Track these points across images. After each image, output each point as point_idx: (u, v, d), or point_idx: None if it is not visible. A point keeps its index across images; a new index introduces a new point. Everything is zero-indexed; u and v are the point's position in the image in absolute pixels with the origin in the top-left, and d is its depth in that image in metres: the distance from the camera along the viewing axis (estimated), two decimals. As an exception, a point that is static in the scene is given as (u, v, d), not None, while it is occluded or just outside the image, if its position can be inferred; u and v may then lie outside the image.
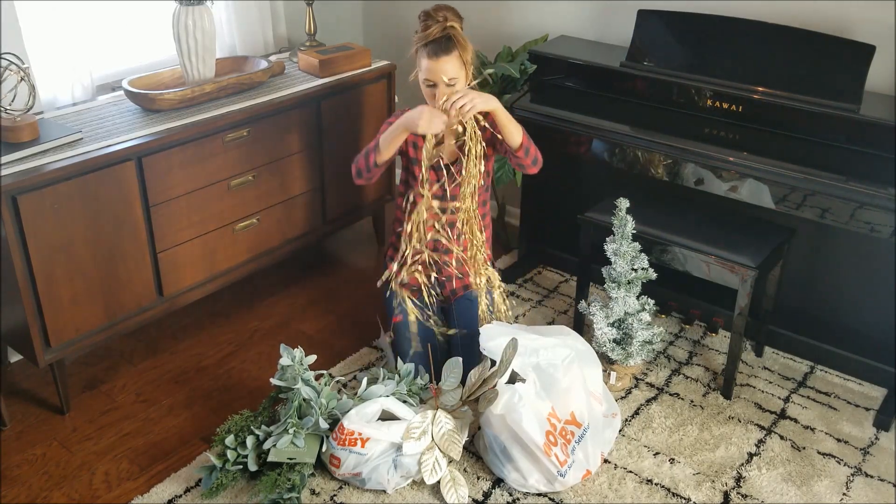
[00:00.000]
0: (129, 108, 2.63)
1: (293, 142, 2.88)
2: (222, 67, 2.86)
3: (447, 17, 2.38)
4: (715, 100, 2.69)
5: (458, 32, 2.40)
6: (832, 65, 2.53)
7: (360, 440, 2.15)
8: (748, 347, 2.87)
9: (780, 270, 2.68)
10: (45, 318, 2.31)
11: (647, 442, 2.43)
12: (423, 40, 2.38)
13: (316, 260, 3.40)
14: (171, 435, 2.43)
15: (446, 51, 2.36)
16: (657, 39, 2.82)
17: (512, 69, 2.97)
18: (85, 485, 2.25)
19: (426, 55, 2.38)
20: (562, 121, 2.82)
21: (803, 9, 2.69)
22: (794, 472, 2.33)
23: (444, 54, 2.36)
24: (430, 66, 2.37)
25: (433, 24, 2.37)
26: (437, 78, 2.38)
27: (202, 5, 2.62)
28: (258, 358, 2.77)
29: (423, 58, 2.40)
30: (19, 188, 2.15)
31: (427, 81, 2.41)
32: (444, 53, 2.36)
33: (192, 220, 2.62)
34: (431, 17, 2.38)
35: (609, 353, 2.53)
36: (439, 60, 2.36)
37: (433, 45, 2.37)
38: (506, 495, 2.23)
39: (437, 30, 2.36)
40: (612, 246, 2.50)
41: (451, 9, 2.42)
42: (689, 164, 2.59)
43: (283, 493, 2.11)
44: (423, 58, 2.40)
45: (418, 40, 2.40)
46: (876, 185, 2.32)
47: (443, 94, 2.38)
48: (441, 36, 2.36)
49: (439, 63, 2.36)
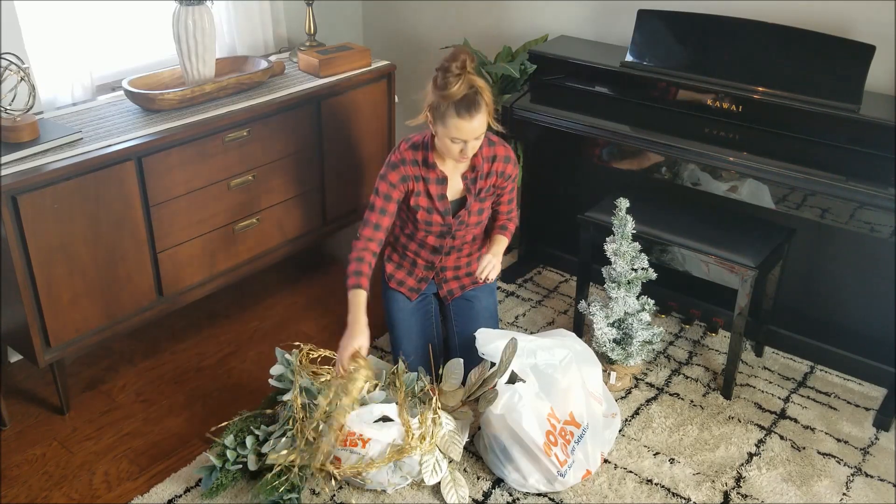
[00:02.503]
0: (129, 108, 2.63)
1: (293, 142, 2.88)
2: (222, 67, 2.86)
3: (466, 67, 2.22)
4: (715, 100, 2.69)
5: (480, 83, 2.25)
6: (832, 65, 2.53)
7: (361, 440, 2.15)
8: (748, 347, 2.87)
9: (779, 270, 2.68)
10: (45, 318, 2.31)
11: (647, 442, 2.43)
12: (447, 99, 2.22)
13: (316, 260, 3.40)
14: (171, 435, 2.43)
15: (476, 108, 2.23)
16: (657, 39, 2.82)
17: (512, 69, 2.97)
18: (85, 485, 2.25)
19: (455, 115, 2.23)
20: (562, 121, 2.82)
21: (803, 9, 2.69)
22: (794, 472, 2.33)
23: (475, 112, 2.23)
24: (461, 126, 2.24)
25: (455, 81, 2.20)
26: (467, 136, 2.27)
27: (202, 5, 2.62)
28: (258, 358, 2.77)
29: (450, 117, 2.24)
30: (19, 188, 2.15)
31: (455, 140, 2.28)
32: (474, 111, 2.23)
33: (192, 220, 2.62)
34: (451, 72, 2.20)
35: (609, 353, 2.53)
36: (471, 119, 2.23)
37: (462, 104, 2.22)
38: (506, 495, 2.23)
39: (462, 87, 2.21)
40: (612, 246, 2.50)
41: (464, 53, 2.23)
42: (689, 164, 2.59)
43: (283, 494, 2.11)
44: (450, 117, 2.24)
45: (441, 98, 2.23)
46: (876, 185, 2.32)
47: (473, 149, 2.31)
48: (468, 93, 2.23)
49: (471, 122, 2.24)
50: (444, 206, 2.47)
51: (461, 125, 2.24)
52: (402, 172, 2.41)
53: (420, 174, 2.43)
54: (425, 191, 2.45)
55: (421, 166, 2.43)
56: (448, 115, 2.24)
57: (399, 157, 2.42)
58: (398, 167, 2.41)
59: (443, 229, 2.51)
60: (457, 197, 2.49)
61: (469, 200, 2.48)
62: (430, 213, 2.47)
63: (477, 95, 2.24)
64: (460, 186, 2.48)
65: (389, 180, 2.41)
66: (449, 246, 2.56)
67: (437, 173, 2.43)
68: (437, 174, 2.43)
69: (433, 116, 2.30)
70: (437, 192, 2.45)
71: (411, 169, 2.42)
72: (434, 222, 2.49)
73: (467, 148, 2.30)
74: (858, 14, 2.61)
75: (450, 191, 2.47)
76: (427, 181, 2.44)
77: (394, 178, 2.41)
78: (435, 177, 2.43)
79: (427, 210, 2.47)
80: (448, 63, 2.22)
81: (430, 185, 2.44)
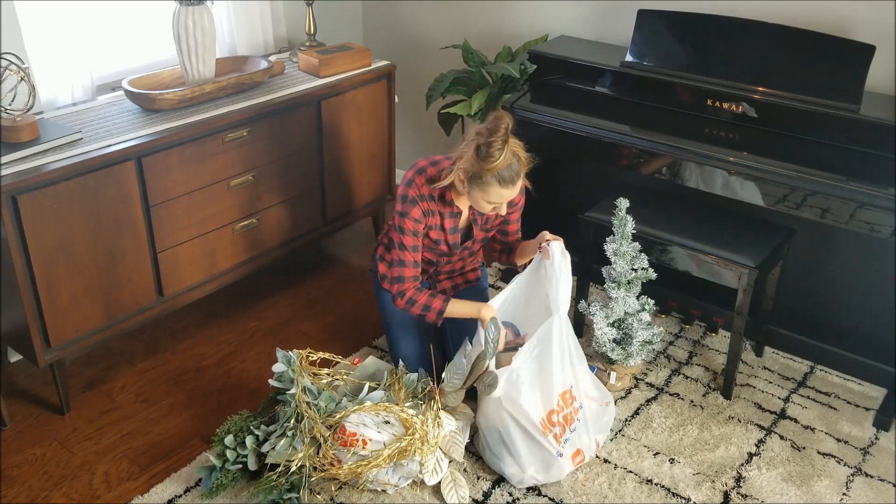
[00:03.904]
0: (129, 108, 2.63)
1: (293, 142, 2.88)
2: (222, 67, 2.86)
3: (508, 132, 2.15)
4: (715, 100, 2.69)
5: (517, 145, 2.21)
6: (832, 65, 2.53)
7: (362, 441, 2.15)
8: (748, 347, 2.87)
9: (779, 270, 2.68)
10: (45, 318, 2.31)
11: (647, 442, 2.43)
12: (492, 171, 2.16)
13: (316, 260, 3.40)
14: (171, 435, 2.43)
15: (518, 174, 2.20)
16: (657, 39, 2.82)
17: (512, 69, 2.97)
18: (85, 485, 2.25)
19: (497, 184, 2.18)
20: (562, 121, 2.82)
21: (803, 9, 2.69)
22: (794, 472, 2.33)
23: (517, 179, 2.20)
24: (504, 193, 2.21)
25: (499, 154, 2.14)
26: (507, 200, 2.26)
27: (202, 5, 2.62)
28: (258, 358, 2.77)
29: (492, 185, 2.19)
30: (19, 188, 2.15)
31: (492, 203, 2.26)
32: (517, 178, 2.20)
33: (192, 220, 2.62)
34: (494, 145, 2.13)
35: (609, 353, 2.53)
36: (514, 186, 2.21)
37: (505, 172, 2.17)
38: (506, 495, 2.23)
39: (506, 158, 2.15)
40: (612, 246, 2.50)
41: (505, 119, 2.16)
42: (688, 163, 2.59)
43: (283, 493, 2.11)
44: (492, 185, 2.19)
45: (484, 169, 2.16)
46: (876, 185, 2.32)
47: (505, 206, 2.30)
48: (511, 162, 2.18)
49: (514, 189, 2.22)
50: (454, 239, 2.46)
51: (503, 193, 2.21)
52: (422, 208, 2.35)
53: (436, 209, 2.39)
54: (439, 225, 2.42)
55: (437, 201, 2.38)
56: (490, 185, 2.19)
57: (417, 192, 2.34)
58: (418, 203, 2.34)
59: (444, 251, 2.51)
60: (464, 226, 2.48)
61: (475, 231, 2.48)
62: (437, 244, 2.46)
63: (518, 163, 2.20)
64: (467, 215, 2.46)
65: (413, 217, 2.34)
66: (445, 262, 2.57)
67: (454, 209, 2.40)
68: (454, 209, 2.40)
69: (469, 181, 2.23)
70: (451, 225, 2.43)
71: (429, 204, 2.37)
72: (440, 250, 2.48)
73: (502, 208, 2.30)
74: (858, 14, 2.61)
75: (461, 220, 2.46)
76: (443, 216, 2.40)
77: (416, 213, 2.34)
78: (450, 211, 2.40)
79: (435, 241, 2.45)
80: (492, 136, 2.14)
81: (445, 220, 2.41)
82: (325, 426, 2.19)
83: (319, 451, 2.17)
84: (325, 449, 2.15)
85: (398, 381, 2.35)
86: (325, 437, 2.17)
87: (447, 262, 2.58)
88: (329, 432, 2.18)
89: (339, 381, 2.37)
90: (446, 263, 2.58)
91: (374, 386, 2.35)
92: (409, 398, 2.31)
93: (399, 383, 2.35)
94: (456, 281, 2.66)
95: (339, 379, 2.38)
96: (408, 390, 2.32)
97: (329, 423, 2.20)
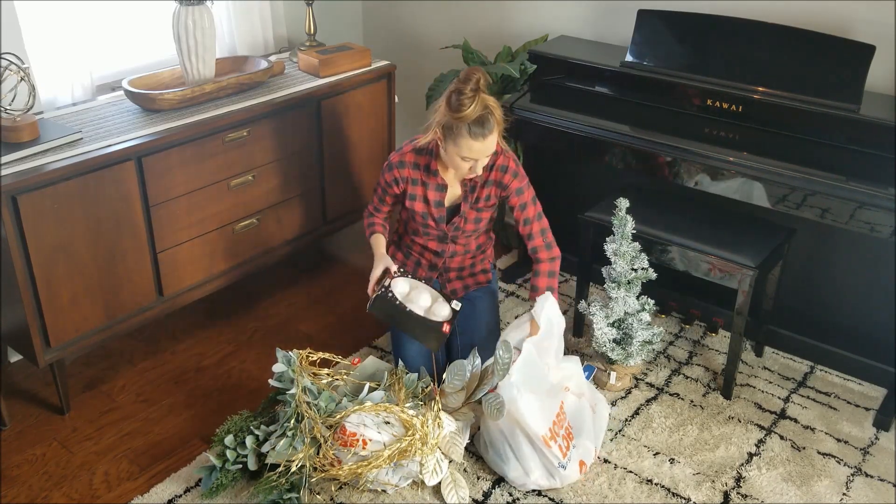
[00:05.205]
0: (129, 108, 2.63)
1: (293, 142, 2.88)
2: (222, 67, 2.86)
3: (479, 87, 2.21)
4: (715, 100, 2.69)
5: (492, 102, 2.26)
6: (832, 65, 2.53)
7: (362, 441, 2.15)
8: (748, 347, 2.87)
9: (779, 270, 2.68)
10: (45, 318, 2.31)
11: (647, 442, 2.43)
12: (461, 121, 2.22)
13: (316, 260, 3.39)
14: (171, 435, 2.43)
15: (488, 128, 2.24)
16: (657, 39, 2.82)
17: (512, 69, 2.97)
18: (85, 485, 2.25)
19: (468, 135, 2.23)
20: (562, 121, 2.82)
21: (803, 9, 2.69)
22: (794, 472, 2.33)
23: (488, 133, 2.24)
24: (473, 146, 2.25)
25: (469, 103, 2.19)
26: (479, 155, 2.28)
27: (202, 5, 2.62)
28: (258, 358, 2.77)
29: (463, 137, 2.24)
30: (19, 188, 2.15)
31: (466, 158, 2.29)
32: (487, 132, 2.24)
33: (192, 220, 2.62)
34: (465, 94, 2.19)
35: (609, 353, 2.53)
36: (484, 140, 2.25)
37: (475, 125, 2.22)
38: (506, 495, 2.23)
39: (476, 109, 2.20)
40: (612, 246, 2.50)
41: (477, 72, 2.22)
42: (688, 164, 2.59)
43: (283, 494, 2.11)
44: (463, 137, 2.24)
45: (455, 119, 2.22)
46: (876, 185, 2.32)
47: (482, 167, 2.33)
48: (481, 114, 2.22)
49: (484, 142, 2.25)
50: (440, 213, 2.48)
51: (474, 145, 2.25)
52: (395, 175, 2.45)
53: (420, 178, 2.45)
54: (423, 196, 2.46)
55: (422, 170, 2.44)
56: (461, 136, 2.25)
57: (399, 158, 2.45)
58: (393, 169, 2.46)
59: (440, 234, 2.52)
60: (454, 203, 2.51)
61: (464, 208, 2.48)
62: (424, 218, 2.50)
63: (489, 115, 2.24)
64: (458, 192, 2.49)
65: (385, 178, 2.50)
66: (451, 251, 2.57)
67: (438, 180, 2.44)
68: (438, 181, 2.45)
69: (444, 135, 2.30)
70: (435, 198, 2.46)
71: (410, 171, 2.44)
72: (429, 226, 2.51)
73: (477, 166, 2.32)
74: (858, 14, 2.61)
75: (448, 196, 2.48)
76: (427, 186, 2.45)
77: (388, 177, 2.49)
78: (435, 183, 2.45)
79: (422, 215, 2.49)
80: (462, 85, 2.20)
81: (428, 191, 2.45)
82: (325, 426, 2.19)
83: (319, 451, 2.17)
84: (326, 449, 2.16)
85: (398, 382, 2.35)
86: (326, 437, 2.17)
87: (454, 254, 2.58)
88: (329, 432, 2.18)
89: (339, 381, 2.37)
90: (453, 254, 2.58)
91: (374, 386, 2.35)
92: (410, 398, 2.31)
93: (399, 383, 2.35)
94: (466, 281, 2.66)
95: (339, 379, 2.38)
96: (408, 391, 2.32)
97: (329, 424, 2.20)
